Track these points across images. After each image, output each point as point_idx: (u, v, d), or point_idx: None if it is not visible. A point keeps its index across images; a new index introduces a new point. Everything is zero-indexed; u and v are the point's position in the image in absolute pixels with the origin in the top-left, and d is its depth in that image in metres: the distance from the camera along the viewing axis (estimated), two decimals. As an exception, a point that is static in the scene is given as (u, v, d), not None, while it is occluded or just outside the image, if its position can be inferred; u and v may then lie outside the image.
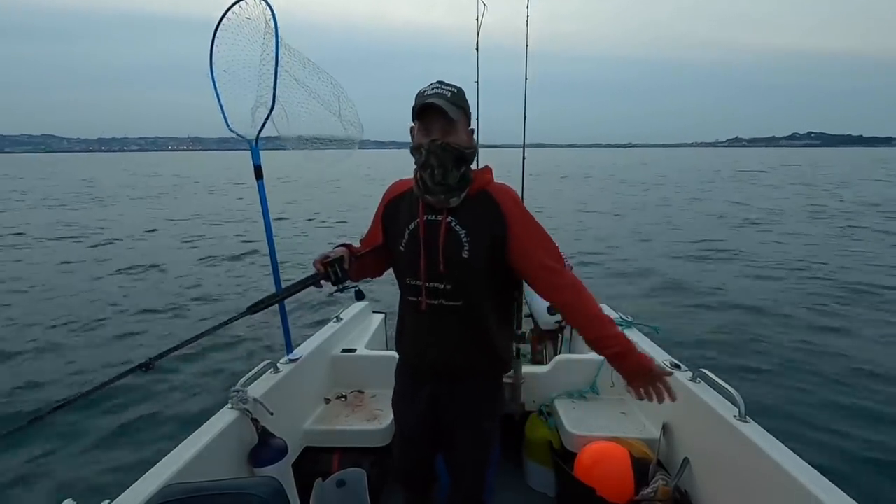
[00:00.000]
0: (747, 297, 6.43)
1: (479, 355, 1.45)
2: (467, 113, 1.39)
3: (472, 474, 1.52)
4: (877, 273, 7.60)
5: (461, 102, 1.35)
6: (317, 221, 13.73)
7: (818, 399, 3.88)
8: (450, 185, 1.34)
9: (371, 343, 2.66)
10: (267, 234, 2.15)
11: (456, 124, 1.31)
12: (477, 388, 1.49)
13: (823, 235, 10.97)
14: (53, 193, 23.02)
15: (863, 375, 4.27)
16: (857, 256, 8.74)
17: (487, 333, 1.42)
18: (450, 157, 1.31)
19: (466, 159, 1.35)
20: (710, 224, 12.81)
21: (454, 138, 1.31)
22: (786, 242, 10.15)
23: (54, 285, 7.37)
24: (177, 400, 3.88)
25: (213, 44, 1.99)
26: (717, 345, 4.96)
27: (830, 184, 25.91)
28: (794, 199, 18.66)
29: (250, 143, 2.04)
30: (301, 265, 7.68)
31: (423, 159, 1.32)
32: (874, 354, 4.67)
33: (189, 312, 6.13)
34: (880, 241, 10.28)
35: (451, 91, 1.33)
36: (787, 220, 13.22)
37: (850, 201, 17.50)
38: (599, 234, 11.30)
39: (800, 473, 1.34)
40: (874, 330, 5.28)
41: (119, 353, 4.79)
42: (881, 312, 5.83)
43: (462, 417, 1.49)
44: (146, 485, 1.32)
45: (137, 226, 13.02)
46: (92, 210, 16.83)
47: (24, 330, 5.53)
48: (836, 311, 5.91)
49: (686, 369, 2.04)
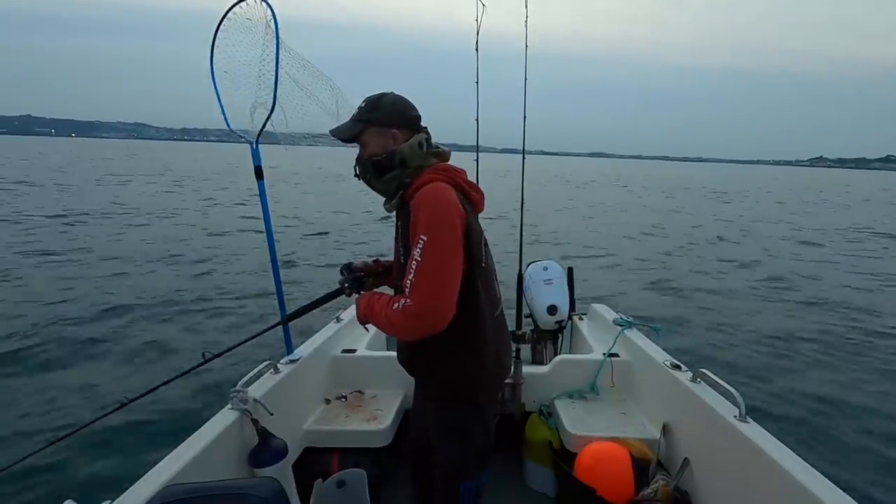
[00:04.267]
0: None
1: (430, 370, 1.45)
2: (378, 119, 1.38)
3: (442, 497, 1.51)
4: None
5: (365, 115, 1.39)
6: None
7: (818, 399, 3.88)
8: (381, 192, 1.41)
9: (371, 343, 2.66)
10: (267, 235, 2.16)
11: (358, 139, 1.40)
12: (440, 404, 1.47)
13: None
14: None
15: (863, 375, 4.27)
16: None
17: (435, 346, 1.33)
18: (366, 169, 1.40)
19: (384, 165, 1.37)
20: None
21: (368, 149, 1.39)
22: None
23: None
24: (177, 400, 3.89)
25: (214, 44, 2.00)
26: (718, 344, 4.96)
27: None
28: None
29: (250, 144, 2.04)
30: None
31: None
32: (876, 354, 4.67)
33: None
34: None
35: (360, 107, 1.41)
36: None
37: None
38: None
39: (800, 473, 1.34)
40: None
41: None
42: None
43: (433, 433, 1.51)
44: (146, 485, 1.32)
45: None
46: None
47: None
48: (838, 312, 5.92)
49: (686, 369, 2.04)
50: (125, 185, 21.75)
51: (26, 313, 5.63)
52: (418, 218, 1.25)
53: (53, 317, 5.56)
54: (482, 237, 1.41)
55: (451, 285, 1.25)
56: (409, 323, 1.24)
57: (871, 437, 3.36)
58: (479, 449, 1.48)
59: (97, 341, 5.03)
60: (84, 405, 3.85)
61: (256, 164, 2.07)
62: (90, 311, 5.82)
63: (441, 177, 1.33)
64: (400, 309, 1.24)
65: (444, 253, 1.23)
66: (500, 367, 1.49)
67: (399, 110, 1.39)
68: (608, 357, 2.40)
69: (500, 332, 1.47)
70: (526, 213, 2.80)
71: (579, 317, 3.04)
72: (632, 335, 2.49)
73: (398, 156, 1.35)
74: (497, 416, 2.30)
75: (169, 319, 5.70)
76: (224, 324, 5.66)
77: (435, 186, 1.30)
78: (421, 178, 1.34)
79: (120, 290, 6.64)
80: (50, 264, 7.89)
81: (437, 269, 1.22)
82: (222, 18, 1.97)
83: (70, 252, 8.67)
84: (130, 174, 28.66)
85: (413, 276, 1.22)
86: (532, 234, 10.96)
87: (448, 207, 1.27)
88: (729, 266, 9.00)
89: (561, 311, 2.84)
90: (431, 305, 1.22)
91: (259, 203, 2.15)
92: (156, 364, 4.59)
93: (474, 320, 1.36)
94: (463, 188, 1.38)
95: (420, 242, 1.22)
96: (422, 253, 1.22)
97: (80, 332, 5.23)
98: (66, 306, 5.96)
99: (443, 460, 1.49)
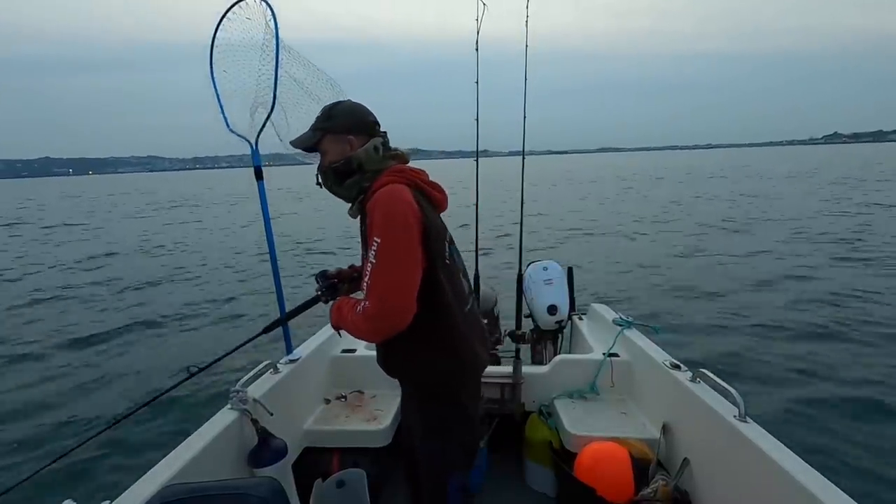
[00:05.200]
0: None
1: (403, 370, 1.49)
2: (334, 127, 1.41)
3: (427, 500, 1.52)
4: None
5: (321, 124, 1.43)
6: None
7: (818, 399, 3.88)
8: (344, 198, 1.44)
9: (371, 343, 2.66)
10: (267, 236, 2.16)
11: (317, 147, 1.44)
12: (421, 404, 1.50)
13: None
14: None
15: (864, 375, 4.27)
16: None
17: (404, 345, 1.36)
18: (328, 177, 1.43)
19: (343, 171, 1.39)
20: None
21: (328, 157, 1.42)
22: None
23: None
24: (176, 400, 3.89)
25: (213, 44, 1.99)
26: (718, 344, 4.96)
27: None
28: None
29: (250, 145, 2.04)
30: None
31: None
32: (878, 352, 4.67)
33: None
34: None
35: (318, 116, 1.44)
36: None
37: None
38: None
39: (800, 473, 1.34)
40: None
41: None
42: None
43: (416, 432, 1.52)
44: (146, 485, 1.32)
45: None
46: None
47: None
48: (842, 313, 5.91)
49: (686, 369, 2.04)
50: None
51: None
52: (373, 220, 1.26)
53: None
54: (446, 234, 1.42)
55: (407, 284, 1.25)
56: (369, 325, 1.26)
57: (871, 437, 3.36)
58: (464, 446, 1.50)
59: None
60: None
61: (256, 164, 2.07)
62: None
63: (397, 178, 1.35)
64: (361, 312, 1.26)
65: (398, 253, 1.24)
66: (476, 362, 1.49)
67: (354, 116, 1.42)
68: (608, 357, 2.40)
69: (473, 327, 1.47)
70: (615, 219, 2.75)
71: (579, 317, 3.04)
72: (631, 335, 2.49)
73: (355, 161, 1.38)
74: (492, 414, 2.32)
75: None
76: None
77: (389, 188, 1.30)
78: (379, 181, 1.35)
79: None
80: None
81: (391, 270, 1.23)
82: (222, 18, 1.96)
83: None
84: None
85: (369, 278, 1.24)
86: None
87: (402, 207, 1.27)
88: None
89: (561, 311, 2.84)
90: (388, 306, 1.23)
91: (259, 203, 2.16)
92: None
93: (441, 318, 1.37)
94: (422, 188, 1.39)
95: (374, 244, 1.23)
96: (376, 255, 1.23)
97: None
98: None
99: (426, 459, 1.50)
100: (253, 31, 1.93)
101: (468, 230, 3.01)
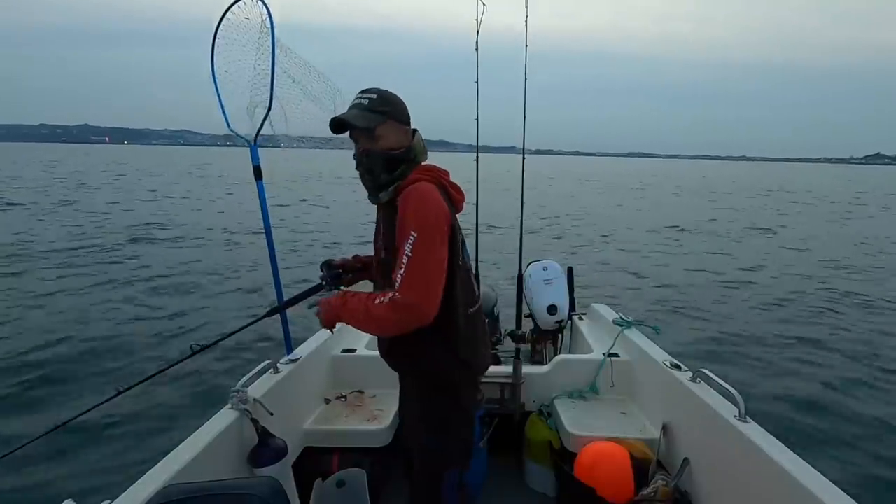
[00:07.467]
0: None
1: (411, 359, 1.47)
2: (393, 114, 1.38)
3: (423, 495, 1.52)
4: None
5: (381, 107, 1.36)
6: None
7: (818, 399, 3.88)
8: (380, 185, 1.40)
9: (371, 343, 2.66)
10: (266, 235, 2.15)
11: (375, 130, 1.34)
12: (421, 395, 1.50)
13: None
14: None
15: (864, 375, 4.27)
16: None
17: (413, 336, 1.33)
18: (377, 162, 1.36)
19: (397, 160, 1.37)
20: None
21: (382, 142, 1.35)
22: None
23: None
24: (176, 400, 3.88)
25: (214, 44, 1.99)
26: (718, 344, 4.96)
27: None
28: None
29: (249, 143, 2.04)
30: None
31: (357, 167, 1.40)
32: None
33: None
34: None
35: (370, 98, 1.37)
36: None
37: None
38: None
39: (800, 473, 1.33)
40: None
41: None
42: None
43: (417, 426, 1.52)
44: (146, 485, 1.32)
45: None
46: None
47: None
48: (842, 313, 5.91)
49: (686, 369, 2.04)
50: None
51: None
52: (407, 214, 1.28)
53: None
54: (461, 236, 1.44)
55: (438, 281, 1.28)
56: (397, 316, 1.26)
57: (871, 436, 3.36)
58: (462, 442, 1.51)
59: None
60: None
61: (255, 163, 2.07)
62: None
63: (427, 176, 1.37)
64: (388, 302, 1.26)
65: (433, 250, 1.27)
66: (479, 363, 1.50)
67: (405, 108, 1.42)
68: (608, 357, 2.40)
69: (475, 328, 1.48)
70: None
71: (579, 317, 3.04)
72: (631, 335, 2.49)
73: (412, 151, 1.39)
74: (492, 414, 2.32)
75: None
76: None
77: (423, 185, 1.34)
78: (413, 176, 1.37)
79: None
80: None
81: (427, 264, 1.26)
82: (221, 18, 1.97)
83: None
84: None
85: (404, 270, 1.25)
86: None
87: (438, 207, 1.31)
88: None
89: (561, 310, 2.84)
90: (420, 299, 1.25)
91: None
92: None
93: (451, 316, 1.38)
94: (446, 188, 1.42)
95: (410, 238, 1.25)
96: (413, 248, 1.25)
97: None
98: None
99: (424, 452, 1.51)
100: (251, 30, 1.93)
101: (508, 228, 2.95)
